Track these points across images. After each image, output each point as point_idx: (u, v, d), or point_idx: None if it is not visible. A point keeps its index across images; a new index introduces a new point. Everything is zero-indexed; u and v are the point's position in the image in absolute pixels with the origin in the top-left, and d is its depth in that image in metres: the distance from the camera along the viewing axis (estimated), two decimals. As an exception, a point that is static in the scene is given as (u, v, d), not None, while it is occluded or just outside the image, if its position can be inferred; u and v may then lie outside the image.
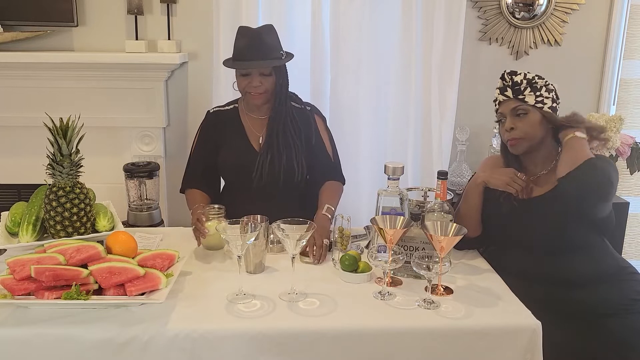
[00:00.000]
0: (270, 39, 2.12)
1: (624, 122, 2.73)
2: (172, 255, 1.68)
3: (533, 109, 1.85)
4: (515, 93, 1.87)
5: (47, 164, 1.73)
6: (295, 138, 2.16)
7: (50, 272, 1.46)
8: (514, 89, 1.87)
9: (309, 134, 2.20)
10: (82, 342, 1.42)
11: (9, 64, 2.78)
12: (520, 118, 1.86)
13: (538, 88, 1.86)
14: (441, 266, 1.59)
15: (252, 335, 1.45)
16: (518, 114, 1.86)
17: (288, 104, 2.18)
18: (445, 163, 3.02)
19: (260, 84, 2.09)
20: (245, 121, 2.22)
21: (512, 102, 1.87)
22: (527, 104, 1.85)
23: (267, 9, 2.82)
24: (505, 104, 1.89)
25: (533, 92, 1.85)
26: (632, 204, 2.94)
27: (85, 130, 1.77)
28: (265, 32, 2.12)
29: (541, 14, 3.02)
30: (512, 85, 1.87)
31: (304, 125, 2.20)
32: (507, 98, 1.88)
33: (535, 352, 1.50)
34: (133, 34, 2.92)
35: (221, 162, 2.22)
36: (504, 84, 1.90)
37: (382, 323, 1.50)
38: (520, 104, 1.86)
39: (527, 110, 1.86)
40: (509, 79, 1.88)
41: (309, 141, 2.20)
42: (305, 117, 2.21)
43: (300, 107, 2.23)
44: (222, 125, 2.24)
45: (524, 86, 1.86)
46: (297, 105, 2.23)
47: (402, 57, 2.92)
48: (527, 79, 1.87)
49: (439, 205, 1.81)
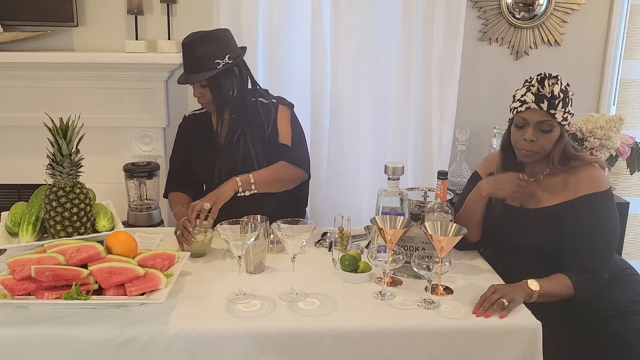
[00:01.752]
0: (203, 49, 2.08)
1: (624, 122, 2.73)
2: (172, 255, 1.68)
3: (556, 126, 1.75)
4: (550, 107, 1.72)
5: (47, 164, 1.73)
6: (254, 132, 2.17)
7: (50, 272, 1.46)
8: (550, 101, 1.72)
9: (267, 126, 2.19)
10: (82, 342, 1.42)
11: (9, 64, 2.78)
12: (543, 133, 1.75)
13: (567, 102, 1.74)
14: (441, 266, 1.59)
15: (252, 335, 1.45)
16: (543, 129, 1.74)
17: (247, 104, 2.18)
18: (445, 163, 3.02)
19: (200, 95, 2.14)
20: (216, 122, 2.25)
21: (542, 115, 1.73)
22: (556, 119, 1.73)
23: (266, 9, 2.82)
24: (533, 113, 1.74)
25: (563, 108, 1.73)
26: (632, 204, 2.94)
27: (85, 130, 1.77)
28: (197, 42, 2.09)
29: (541, 14, 3.02)
30: (550, 98, 1.72)
31: (264, 119, 2.20)
32: (539, 109, 1.73)
33: (535, 352, 1.50)
34: (133, 34, 2.92)
35: (193, 164, 2.28)
36: (540, 92, 1.73)
37: (382, 323, 1.51)
38: (549, 120, 1.73)
39: (552, 126, 1.74)
40: (550, 88, 1.72)
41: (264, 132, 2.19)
42: (268, 111, 2.21)
43: (267, 102, 2.24)
44: (196, 129, 2.30)
45: (559, 100, 1.72)
46: (264, 100, 2.24)
47: (402, 57, 2.92)
48: (563, 90, 1.73)
49: (439, 205, 1.81)
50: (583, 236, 1.73)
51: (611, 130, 2.64)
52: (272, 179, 2.13)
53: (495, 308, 1.53)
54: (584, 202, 1.75)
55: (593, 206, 1.75)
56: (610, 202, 1.77)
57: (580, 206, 1.75)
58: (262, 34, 2.83)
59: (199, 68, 2.08)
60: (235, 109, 2.17)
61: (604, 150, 2.68)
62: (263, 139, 2.18)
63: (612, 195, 1.79)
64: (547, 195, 1.82)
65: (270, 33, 2.84)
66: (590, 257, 1.73)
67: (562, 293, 1.68)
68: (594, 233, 1.74)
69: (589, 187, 1.76)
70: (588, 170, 1.78)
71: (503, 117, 3.06)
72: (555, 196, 1.80)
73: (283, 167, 2.16)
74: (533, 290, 1.62)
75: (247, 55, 2.94)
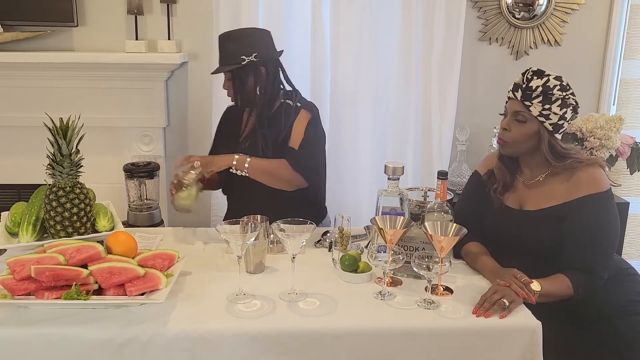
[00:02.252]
0: (231, 44, 2.14)
1: (624, 122, 2.73)
2: (172, 255, 1.68)
3: (533, 119, 1.77)
4: (524, 97, 1.76)
5: (47, 164, 1.73)
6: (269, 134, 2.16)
7: (50, 272, 1.46)
8: (525, 92, 1.76)
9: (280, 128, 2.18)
10: (82, 342, 1.42)
11: (9, 64, 2.78)
12: (517, 123, 1.79)
13: (551, 100, 1.74)
14: (441, 266, 1.59)
15: (252, 335, 1.45)
16: (517, 119, 1.79)
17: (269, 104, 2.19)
18: (445, 163, 3.02)
19: (227, 87, 2.20)
20: (244, 117, 2.30)
21: (517, 105, 1.78)
22: (530, 112, 1.76)
23: (267, 9, 2.82)
24: (511, 102, 1.81)
25: (542, 103, 1.74)
26: (632, 204, 2.94)
27: (85, 130, 1.77)
28: (227, 36, 2.18)
29: (541, 14, 3.02)
30: (525, 89, 1.76)
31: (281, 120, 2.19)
32: (514, 98, 1.80)
33: (535, 352, 1.50)
34: (133, 34, 2.92)
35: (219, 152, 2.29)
36: (520, 83, 1.79)
37: (382, 323, 1.50)
38: (523, 110, 1.77)
39: (526, 119, 1.77)
40: (526, 81, 1.77)
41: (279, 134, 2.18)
42: (287, 113, 2.21)
43: (292, 105, 2.23)
44: (226, 119, 2.37)
45: (537, 94, 1.74)
46: (290, 103, 2.23)
47: (402, 57, 2.92)
48: (546, 86, 1.74)
49: (439, 205, 1.81)
50: (584, 236, 1.73)
51: (611, 130, 2.64)
52: (267, 170, 2.13)
53: (496, 308, 1.53)
54: (585, 202, 1.75)
55: (594, 206, 1.75)
56: (611, 202, 1.77)
57: (581, 207, 1.75)
58: (262, 34, 2.83)
59: (225, 61, 2.15)
60: (258, 108, 2.18)
61: (604, 150, 2.68)
62: (275, 142, 2.18)
63: (612, 195, 1.79)
64: (547, 197, 1.82)
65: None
66: (590, 257, 1.73)
67: (562, 293, 1.68)
68: (594, 233, 1.74)
69: (590, 188, 1.75)
70: (588, 171, 1.77)
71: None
72: (555, 197, 1.80)
73: (282, 165, 2.13)
74: (534, 290, 1.62)
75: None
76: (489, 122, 3.09)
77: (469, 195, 2.02)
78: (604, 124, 2.64)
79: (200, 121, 3.04)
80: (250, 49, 2.14)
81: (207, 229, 2.15)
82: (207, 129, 2.96)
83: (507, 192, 1.89)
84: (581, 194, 1.76)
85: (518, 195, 1.88)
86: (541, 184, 1.84)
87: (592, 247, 1.73)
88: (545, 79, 1.76)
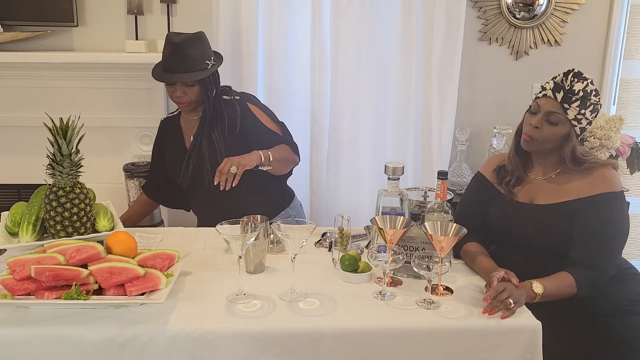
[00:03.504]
0: (194, 50, 2.12)
1: (624, 122, 2.73)
2: (172, 255, 1.68)
3: (566, 122, 1.76)
4: (565, 100, 1.74)
5: (47, 164, 1.73)
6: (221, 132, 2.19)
7: (50, 272, 1.46)
8: (566, 95, 1.74)
9: (236, 123, 2.20)
10: (82, 342, 1.42)
11: (9, 64, 2.78)
12: (549, 124, 1.77)
13: (587, 105, 1.75)
14: (441, 266, 1.59)
15: (252, 335, 1.45)
16: (550, 119, 1.77)
17: (217, 103, 2.21)
18: (445, 163, 3.02)
19: (183, 94, 2.16)
20: (183, 124, 2.31)
21: (554, 105, 1.76)
22: (566, 116, 1.75)
23: (267, 9, 2.82)
24: (547, 101, 1.77)
25: (579, 108, 1.74)
26: (632, 204, 2.94)
27: (85, 130, 1.77)
28: (188, 42, 2.12)
29: (541, 14, 3.02)
30: (567, 91, 1.74)
31: (230, 116, 2.21)
32: (554, 98, 1.76)
33: (535, 352, 1.50)
34: (133, 34, 2.92)
35: (167, 165, 2.34)
36: (562, 84, 1.76)
37: (382, 323, 1.50)
38: (559, 112, 1.75)
39: (559, 120, 1.76)
40: (570, 83, 1.75)
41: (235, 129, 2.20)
42: (232, 108, 2.22)
43: (230, 98, 2.25)
44: (167, 131, 2.35)
45: (576, 98, 1.74)
46: (227, 97, 2.25)
47: (402, 57, 2.92)
48: (585, 92, 1.74)
49: (439, 205, 1.81)
50: (594, 233, 1.74)
51: (611, 130, 2.64)
52: (283, 157, 2.21)
53: (501, 307, 1.53)
54: (598, 200, 1.76)
55: (607, 205, 1.76)
56: (623, 203, 1.79)
57: (594, 204, 1.76)
58: (262, 34, 2.83)
59: (189, 67, 2.11)
60: (209, 109, 2.20)
61: (604, 150, 2.68)
62: (232, 135, 2.19)
63: (624, 197, 1.80)
64: (560, 192, 1.82)
65: (270, 33, 2.84)
66: (598, 254, 1.74)
67: (565, 292, 1.68)
68: (605, 231, 1.75)
69: (603, 187, 1.76)
70: (603, 170, 1.79)
71: (503, 117, 3.09)
72: (567, 193, 1.81)
73: (286, 149, 2.25)
74: (536, 293, 1.62)
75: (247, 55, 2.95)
76: (489, 122, 3.09)
77: (470, 196, 2.02)
78: (604, 124, 2.64)
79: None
80: (208, 52, 2.19)
81: (207, 229, 2.14)
82: (207, 129, 2.96)
83: (518, 186, 1.89)
84: (595, 192, 1.77)
85: (529, 190, 1.88)
86: (553, 180, 1.85)
87: (602, 244, 1.74)
88: (585, 83, 1.75)
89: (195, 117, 2.26)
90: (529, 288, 1.62)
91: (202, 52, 2.15)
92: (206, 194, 2.22)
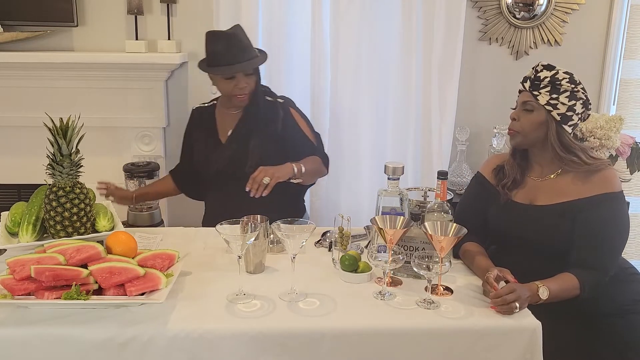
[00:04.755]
0: (245, 39, 2.15)
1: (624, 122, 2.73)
2: (172, 255, 1.68)
3: (540, 108, 1.81)
4: (532, 87, 1.82)
5: (47, 164, 1.73)
6: (261, 131, 2.19)
7: (50, 272, 1.46)
8: (533, 83, 1.82)
9: (277, 126, 2.21)
10: (82, 342, 1.42)
11: (9, 64, 2.78)
12: (525, 113, 1.83)
13: (559, 91, 1.79)
14: (441, 266, 1.59)
15: (252, 335, 1.45)
16: (526, 108, 1.83)
17: (261, 101, 2.21)
18: (445, 163, 3.02)
19: (246, 84, 2.14)
20: (218, 116, 2.28)
21: (526, 95, 1.83)
22: (538, 102, 1.81)
23: (266, 9, 2.82)
24: (521, 94, 1.87)
25: (550, 93, 1.79)
26: (632, 204, 2.94)
27: (85, 130, 1.77)
28: (239, 33, 2.14)
29: (541, 14, 3.02)
30: (534, 79, 1.82)
31: (273, 118, 2.21)
32: (524, 89, 1.85)
33: (535, 352, 1.50)
34: (133, 34, 2.92)
35: (194, 157, 2.32)
36: (529, 75, 1.85)
37: (382, 323, 1.50)
38: (531, 100, 1.82)
39: (534, 107, 1.82)
40: (535, 73, 1.83)
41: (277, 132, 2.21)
42: (275, 110, 2.22)
43: (273, 100, 2.25)
44: (198, 121, 2.33)
45: (545, 84, 1.79)
46: (269, 99, 2.25)
47: (402, 57, 2.92)
48: (554, 78, 1.79)
49: (439, 205, 1.81)
50: (596, 233, 1.74)
51: (611, 130, 2.64)
52: (314, 170, 2.20)
53: (506, 309, 1.53)
54: (599, 200, 1.76)
55: (607, 205, 1.76)
56: (623, 203, 1.80)
57: (595, 204, 1.76)
58: (262, 34, 2.84)
59: (247, 56, 2.11)
60: (253, 105, 2.18)
61: (604, 150, 2.68)
62: (270, 137, 2.18)
63: (624, 197, 1.81)
64: (559, 193, 1.83)
65: (271, 33, 2.84)
66: (601, 254, 1.74)
67: (569, 295, 1.68)
68: (607, 231, 1.75)
69: (604, 187, 1.77)
70: (603, 171, 1.80)
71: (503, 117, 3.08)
72: (567, 194, 1.81)
73: (317, 161, 2.23)
74: (541, 298, 1.62)
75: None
76: (489, 122, 3.09)
77: (470, 196, 2.02)
78: (604, 124, 2.64)
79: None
80: (252, 44, 2.18)
81: (207, 229, 2.14)
82: (207, 129, 2.96)
83: (516, 189, 1.90)
84: (595, 193, 1.77)
85: (528, 191, 1.88)
86: (553, 182, 1.85)
87: (603, 245, 1.75)
88: (554, 71, 1.81)
89: (235, 111, 2.23)
90: (534, 292, 1.62)
91: (249, 42, 2.17)
92: (227, 190, 2.20)
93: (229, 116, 2.25)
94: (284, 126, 2.21)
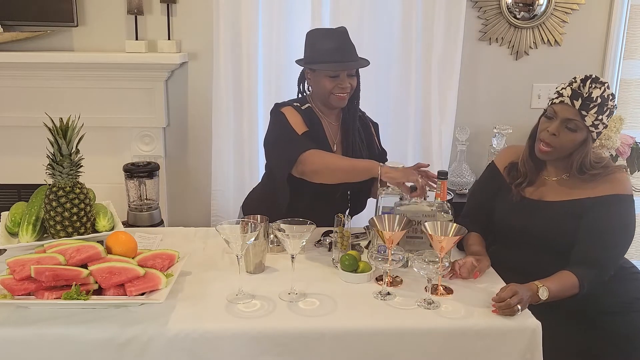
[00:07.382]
0: (350, 40, 2.10)
1: (624, 122, 2.73)
2: (172, 255, 1.68)
3: (583, 129, 1.75)
4: (582, 107, 1.72)
5: (47, 164, 1.73)
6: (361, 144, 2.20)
7: (50, 272, 1.46)
8: (584, 102, 1.72)
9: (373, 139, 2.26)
10: (82, 342, 1.42)
11: (9, 64, 2.78)
12: (567, 131, 1.76)
13: (604, 111, 1.73)
14: (441, 266, 1.59)
15: (252, 335, 1.45)
16: (568, 126, 1.76)
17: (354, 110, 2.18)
18: (445, 163, 3.02)
19: (349, 85, 2.07)
20: (324, 124, 2.17)
21: (572, 112, 1.74)
22: (584, 122, 1.73)
23: (266, 9, 2.82)
24: (565, 108, 1.76)
25: (597, 114, 1.72)
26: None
27: (85, 130, 1.77)
28: (347, 34, 2.09)
29: (541, 14, 3.02)
30: (586, 98, 1.72)
31: (365, 130, 2.24)
32: (571, 106, 1.74)
33: (535, 352, 1.50)
34: (133, 34, 2.92)
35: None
36: (579, 90, 1.74)
37: (382, 323, 1.50)
38: (577, 119, 1.73)
39: (577, 127, 1.75)
40: (589, 90, 1.73)
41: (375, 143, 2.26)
42: (365, 122, 2.25)
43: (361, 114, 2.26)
44: (311, 123, 2.12)
45: (595, 104, 1.72)
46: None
47: (402, 57, 2.92)
48: (603, 97, 1.72)
49: (439, 205, 1.81)
50: (601, 231, 1.75)
51: (611, 130, 2.64)
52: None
53: (508, 312, 1.53)
54: (608, 200, 1.77)
55: (616, 205, 1.77)
56: (632, 206, 1.80)
57: (603, 204, 1.77)
58: (262, 34, 2.83)
59: (355, 56, 2.08)
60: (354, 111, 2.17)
61: (604, 150, 2.68)
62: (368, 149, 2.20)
63: (633, 202, 1.81)
64: (570, 191, 1.84)
65: (271, 33, 2.84)
66: (601, 252, 1.74)
67: (569, 293, 1.69)
68: (612, 230, 1.76)
69: (614, 188, 1.78)
70: (616, 174, 1.80)
71: (503, 117, 3.09)
72: (578, 192, 1.82)
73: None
74: (541, 299, 1.62)
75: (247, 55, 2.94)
76: (489, 122, 3.09)
77: (482, 187, 2.06)
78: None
79: (200, 121, 3.04)
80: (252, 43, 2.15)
81: (207, 229, 2.15)
82: (207, 129, 2.96)
83: (528, 187, 1.91)
84: (605, 193, 1.78)
85: (539, 187, 1.90)
86: (565, 181, 1.86)
87: (606, 243, 1.75)
88: (603, 88, 1.74)
89: (335, 123, 2.17)
90: (534, 292, 1.62)
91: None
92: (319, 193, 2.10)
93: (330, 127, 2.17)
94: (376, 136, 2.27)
